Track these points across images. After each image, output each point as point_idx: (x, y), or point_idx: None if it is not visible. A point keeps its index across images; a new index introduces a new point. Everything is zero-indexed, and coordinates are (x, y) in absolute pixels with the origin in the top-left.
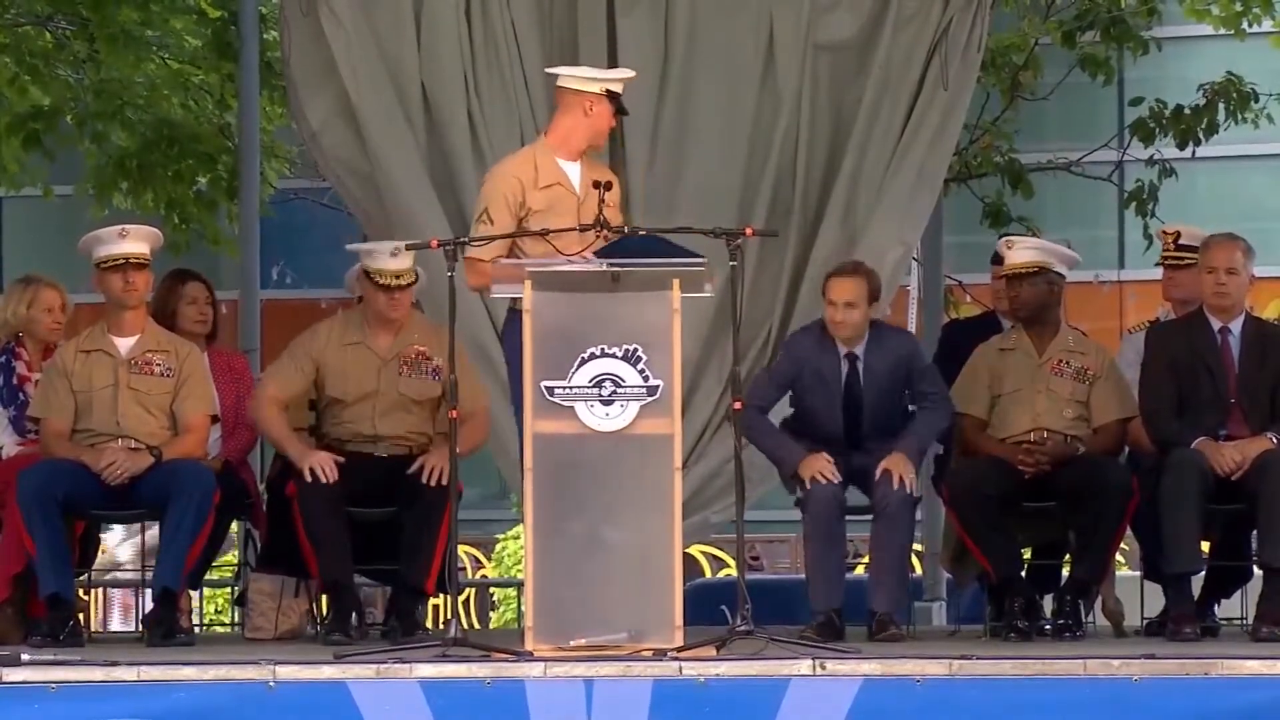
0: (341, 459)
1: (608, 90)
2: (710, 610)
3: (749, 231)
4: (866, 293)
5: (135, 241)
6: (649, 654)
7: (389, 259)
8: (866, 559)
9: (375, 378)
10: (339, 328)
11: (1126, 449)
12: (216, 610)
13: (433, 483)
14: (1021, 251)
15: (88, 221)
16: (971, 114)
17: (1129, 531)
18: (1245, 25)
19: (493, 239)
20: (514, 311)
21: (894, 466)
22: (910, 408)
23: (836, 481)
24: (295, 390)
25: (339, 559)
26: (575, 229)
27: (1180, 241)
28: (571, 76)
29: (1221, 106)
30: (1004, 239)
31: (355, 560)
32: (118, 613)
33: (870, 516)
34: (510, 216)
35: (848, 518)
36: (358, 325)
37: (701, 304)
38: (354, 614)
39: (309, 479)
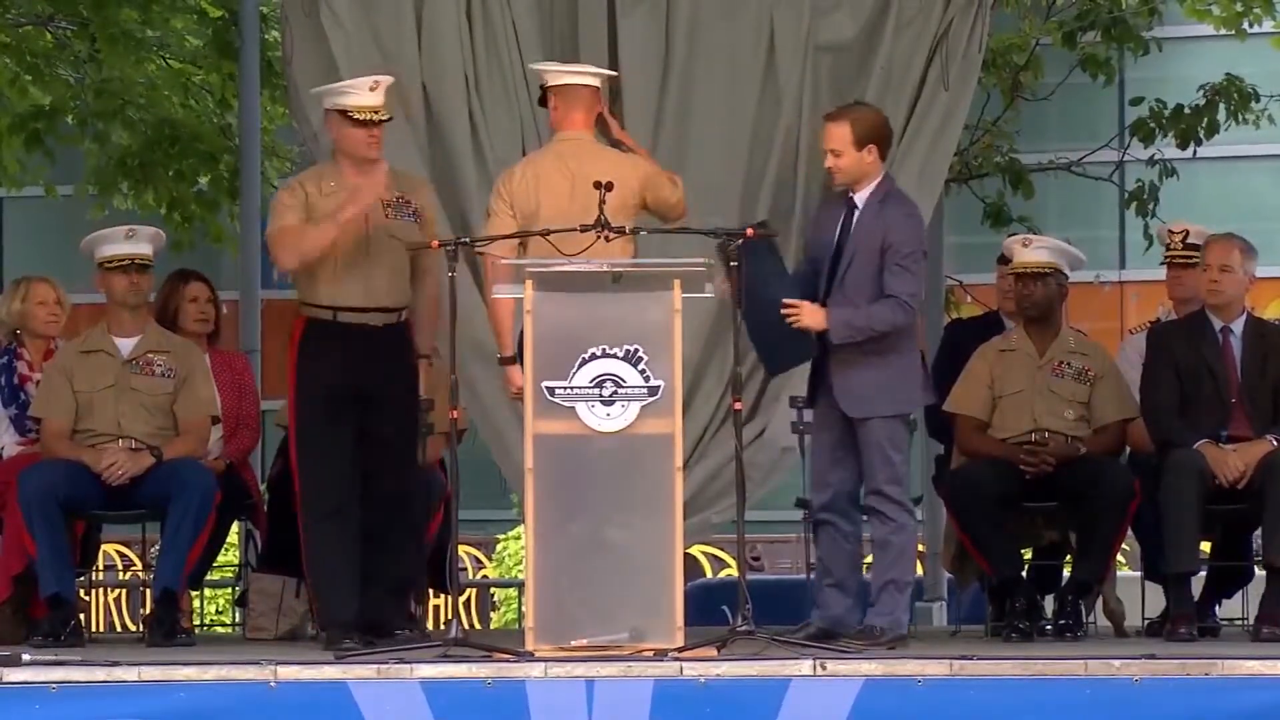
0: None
1: None
2: (711, 610)
3: (749, 232)
4: (851, 138)
5: (141, 242)
6: (650, 654)
7: (367, 94)
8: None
9: (362, 221)
10: (312, 181)
11: (1127, 449)
12: (217, 610)
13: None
14: (1038, 251)
15: (89, 221)
16: (972, 114)
17: (1129, 532)
18: (1245, 25)
19: (493, 239)
20: None
21: (807, 312)
22: None
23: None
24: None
25: (349, 598)
26: (575, 229)
27: (1188, 240)
28: (600, 75)
29: (1222, 106)
30: (1016, 236)
31: None
32: None
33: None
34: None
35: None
36: (333, 174)
37: (702, 304)
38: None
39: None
